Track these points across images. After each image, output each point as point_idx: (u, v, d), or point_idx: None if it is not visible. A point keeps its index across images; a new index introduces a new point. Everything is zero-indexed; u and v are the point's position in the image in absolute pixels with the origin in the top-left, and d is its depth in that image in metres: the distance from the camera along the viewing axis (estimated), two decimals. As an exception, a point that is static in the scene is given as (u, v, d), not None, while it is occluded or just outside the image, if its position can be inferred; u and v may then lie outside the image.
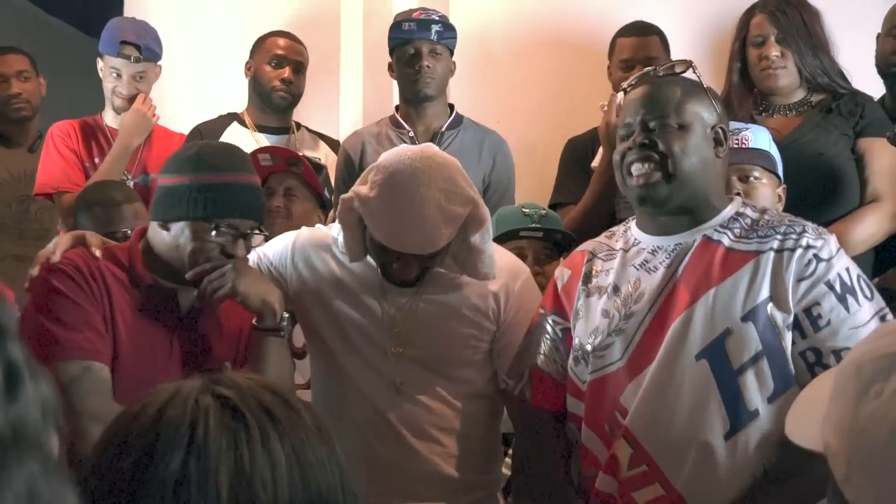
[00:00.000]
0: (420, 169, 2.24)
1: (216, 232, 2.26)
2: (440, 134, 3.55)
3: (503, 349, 2.42)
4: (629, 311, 2.14)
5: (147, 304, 2.32)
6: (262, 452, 1.04)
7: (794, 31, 3.20)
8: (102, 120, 3.83)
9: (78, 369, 2.17)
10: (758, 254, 2.07)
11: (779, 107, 3.26)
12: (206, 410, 1.06)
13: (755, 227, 2.12)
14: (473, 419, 2.46)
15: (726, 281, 2.06)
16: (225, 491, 1.02)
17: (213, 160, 2.29)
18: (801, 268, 2.03)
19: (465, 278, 2.40)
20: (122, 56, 3.71)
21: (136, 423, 1.08)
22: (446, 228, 2.25)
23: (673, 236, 2.15)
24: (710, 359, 2.04)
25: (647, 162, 2.11)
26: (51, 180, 3.71)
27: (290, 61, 3.74)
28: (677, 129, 2.12)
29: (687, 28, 3.80)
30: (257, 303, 2.31)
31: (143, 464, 1.04)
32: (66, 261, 2.27)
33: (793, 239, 2.06)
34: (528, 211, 3.07)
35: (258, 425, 1.06)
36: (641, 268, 2.17)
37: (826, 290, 2.03)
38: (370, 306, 2.43)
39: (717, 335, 2.04)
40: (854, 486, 1.04)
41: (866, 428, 1.04)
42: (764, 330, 2.02)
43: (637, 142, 2.13)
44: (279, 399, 1.10)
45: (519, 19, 4.08)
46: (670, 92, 2.16)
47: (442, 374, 2.42)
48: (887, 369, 1.05)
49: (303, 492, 1.05)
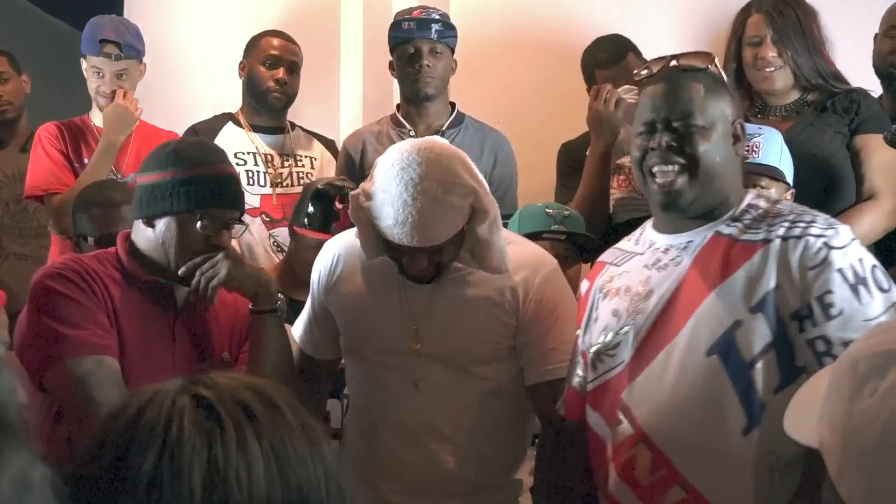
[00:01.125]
0: (417, 161, 2.22)
1: (200, 223, 2.30)
2: (441, 133, 3.55)
3: (526, 345, 2.39)
4: (637, 308, 2.10)
5: (145, 301, 2.34)
6: (237, 451, 1.04)
7: (791, 32, 3.19)
8: (90, 120, 3.82)
9: (91, 364, 2.20)
10: (766, 242, 2.02)
11: (774, 107, 3.25)
12: (181, 411, 1.06)
13: (765, 217, 2.07)
14: (495, 419, 2.42)
15: (736, 273, 2.02)
16: (198, 490, 1.02)
17: (191, 154, 2.35)
18: (812, 255, 1.98)
19: (484, 273, 2.37)
20: (103, 54, 3.69)
21: (114, 423, 1.08)
22: (446, 220, 2.23)
23: (686, 233, 2.12)
24: (721, 353, 2.00)
25: (673, 164, 2.06)
26: (39, 182, 3.70)
27: (284, 62, 3.72)
28: (702, 129, 2.07)
29: (682, 27, 3.81)
30: (252, 286, 2.36)
31: (117, 464, 1.04)
32: (60, 266, 2.31)
33: (801, 227, 2.02)
34: (552, 211, 3.03)
35: (234, 424, 1.06)
36: (653, 267, 2.13)
37: (839, 279, 1.97)
38: (390, 303, 2.41)
39: (725, 328, 2.00)
40: (847, 482, 1.05)
41: (860, 425, 1.04)
42: (773, 320, 1.98)
43: (663, 143, 2.07)
44: (260, 397, 1.10)
45: (518, 19, 4.08)
46: (693, 89, 2.09)
47: (461, 371, 2.39)
48: (882, 367, 1.05)
49: (282, 490, 1.05)
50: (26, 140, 4.31)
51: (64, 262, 2.33)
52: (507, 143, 3.65)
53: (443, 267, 2.34)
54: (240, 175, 3.63)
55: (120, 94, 3.69)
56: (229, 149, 3.63)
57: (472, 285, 2.38)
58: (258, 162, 3.70)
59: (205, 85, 4.17)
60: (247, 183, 3.65)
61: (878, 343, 1.09)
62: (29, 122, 4.39)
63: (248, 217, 3.59)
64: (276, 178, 3.68)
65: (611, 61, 3.50)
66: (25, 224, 4.26)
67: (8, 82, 4.32)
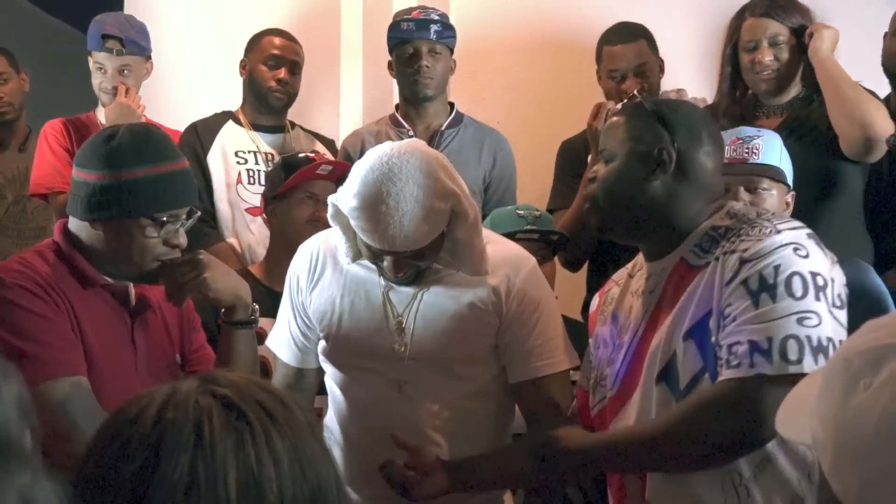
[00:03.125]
0: (396, 165, 2.20)
1: (156, 227, 2.19)
2: (440, 133, 3.56)
3: (510, 343, 2.38)
4: (620, 340, 2.10)
5: (102, 304, 2.23)
6: (267, 451, 1.04)
7: (786, 34, 3.19)
8: (95, 116, 3.80)
9: (67, 387, 2.07)
10: (706, 266, 1.96)
11: (773, 107, 3.26)
12: (208, 410, 1.05)
13: (721, 236, 1.98)
14: (478, 421, 2.42)
15: (681, 300, 1.97)
16: (234, 492, 1.01)
17: (140, 152, 2.18)
18: (727, 271, 1.91)
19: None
20: (105, 50, 3.67)
21: (135, 427, 1.06)
22: (426, 224, 2.20)
23: (660, 261, 2.07)
24: (667, 381, 1.98)
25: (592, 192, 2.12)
26: (44, 180, 3.70)
27: (286, 61, 3.71)
28: (606, 162, 2.08)
29: (683, 28, 3.81)
30: (230, 297, 2.31)
31: (148, 468, 1.02)
32: (13, 273, 2.14)
33: (733, 242, 1.94)
34: (523, 213, 3.07)
35: (260, 424, 1.05)
36: (635, 294, 2.12)
37: (742, 291, 1.88)
38: (373, 305, 2.41)
39: (668, 357, 1.97)
40: (840, 477, 1.04)
41: (854, 419, 1.03)
42: (704, 345, 1.92)
43: (588, 175, 2.15)
44: (275, 397, 1.10)
45: (518, 19, 4.08)
46: (613, 120, 2.14)
47: (446, 372, 2.39)
48: (876, 362, 1.05)
49: (304, 489, 1.05)
50: (25, 139, 4.32)
51: (14, 269, 2.16)
52: (506, 144, 3.65)
53: (423, 269, 2.34)
54: (240, 174, 3.65)
55: (122, 90, 3.66)
56: (230, 147, 3.67)
57: (454, 286, 2.38)
58: (258, 161, 3.70)
59: (203, 84, 4.17)
60: (247, 182, 3.65)
61: (870, 339, 1.09)
62: (28, 121, 4.40)
63: (249, 216, 3.61)
64: (278, 177, 3.67)
65: (618, 40, 3.49)
66: (24, 225, 4.26)
67: (7, 83, 4.32)
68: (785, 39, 3.20)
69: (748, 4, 3.28)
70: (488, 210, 3.34)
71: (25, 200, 4.17)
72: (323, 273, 2.46)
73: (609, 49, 3.50)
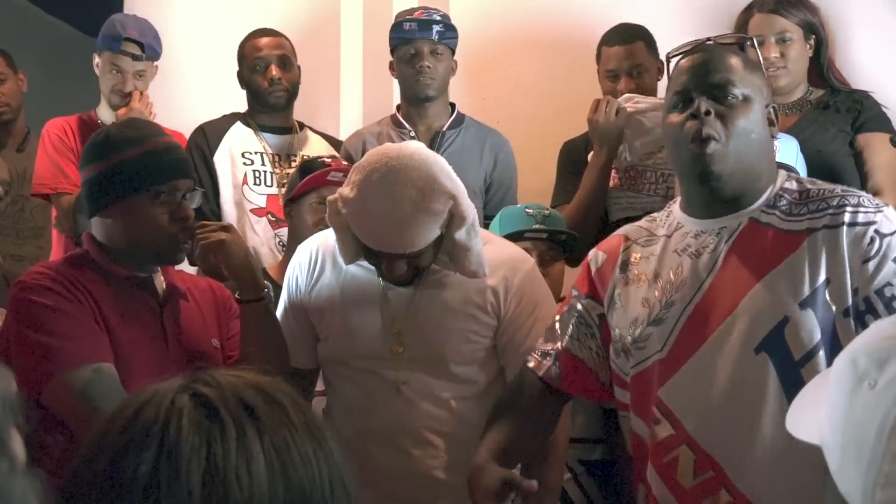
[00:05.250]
0: (395, 167, 2.21)
1: (158, 199, 2.26)
2: (441, 133, 3.55)
3: (508, 344, 2.39)
4: (670, 299, 2.01)
5: (129, 297, 2.30)
6: (237, 450, 1.02)
7: (793, 31, 3.19)
8: (97, 116, 3.79)
9: (89, 373, 2.15)
10: (811, 231, 1.92)
11: (781, 106, 3.25)
12: (179, 410, 1.04)
13: (805, 201, 1.97)
14: (475, 423, 2.40)
15: (780, 265, 1.92)
16: (197, 490, 1.00)
17: (126, 135, 2.30)
18: (865, 246, 1.88)
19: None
20: (125, 53, 3.67)
21: (110, 426, 1.07)
22: (425, 226, 2.22)
23: (718, 219, 2.01)
24: (770, 351, 1.90)
25: (713, 131, 1.95)
26: (48, 181, 3.69)
27: (272, 58, 3.67)
28: (741, 101, 1.96)
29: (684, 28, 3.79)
30: (239, 268, 2.35)
31: (114, 466, 1.03)
32: (38, 276, 2.25)
33: (848, 213, 1.91)
34: (532, 211, 3.05)
35: (234, 422, 1.04)
36: (684, 253, 2.03)
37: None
38: (371, 307, 2.41)
39: (774, 325, 1.90)
40: (847, 477, 1.04)
41: (859, 419, 1.03)
42: (823, 316, 1.88)
43: (702, 109, 1.95)
44: (263, 395, 1.08)
45: (519, 19, 4.07)
46: (731, 60, 2.00)
47: (443, 373, 2.39)
48: (882, 361, 1.04)
49: (284, 489, 1.03)
50: (23, 139, 4.31)
51: (39, 272, 2.27)
52: (507, 144, 3.65)
53: (421, 270, 2.34)
54: (246, 175, 3.64)
55: (136, 95, 3.68)
56: (237, 148, 3.67)
57: (452, 287, 2.38)
58: (265, 162, 3.69)
59: (203, 85, 4.17)
60: (253, 183, 3.65)
61: (876, 339, 1.09)
62: (27, 121, 4.39)
63: (254, 217, 3.61)
64: (283, 178, 3.66)
65: (615, 40, 3.49)
66: (22, 225, 4.25)
67: (5, 83, 4.30)
68: (792, 36, 3.19)
69: (755, 1, 3.27)
70: (489, 211, 3.34)
71: (24, 200, 4.16)
72: (322, 273, 2.46)
73: (606, 49, 3.51)
